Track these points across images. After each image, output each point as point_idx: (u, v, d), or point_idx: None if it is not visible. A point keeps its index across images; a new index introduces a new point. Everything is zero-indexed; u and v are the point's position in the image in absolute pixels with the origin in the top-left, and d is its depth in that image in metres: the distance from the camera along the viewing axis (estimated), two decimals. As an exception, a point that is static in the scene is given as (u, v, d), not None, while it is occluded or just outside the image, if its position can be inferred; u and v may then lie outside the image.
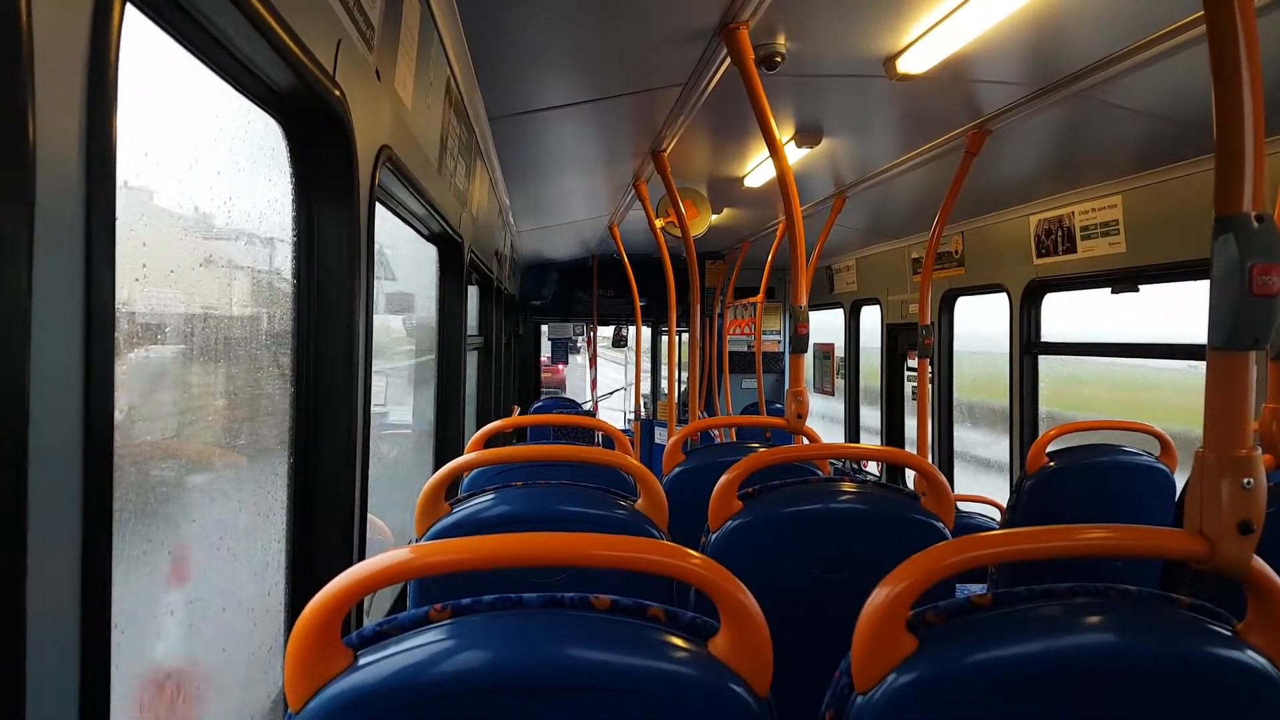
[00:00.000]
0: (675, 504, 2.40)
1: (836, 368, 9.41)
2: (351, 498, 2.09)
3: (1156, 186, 4.25)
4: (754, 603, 1.23)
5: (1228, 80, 1.41)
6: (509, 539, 1.29)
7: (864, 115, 4.28)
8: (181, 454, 1.69)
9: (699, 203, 6.20)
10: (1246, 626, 1.31)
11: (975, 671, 1.26)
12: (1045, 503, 3.45)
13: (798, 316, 3.59)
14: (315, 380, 2.02)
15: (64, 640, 0.95)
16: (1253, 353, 1.41)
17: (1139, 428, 3.83)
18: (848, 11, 2.90)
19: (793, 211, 3.42)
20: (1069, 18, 2.81)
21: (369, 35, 2.02)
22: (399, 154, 2.45)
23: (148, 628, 1.54)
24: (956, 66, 3.24)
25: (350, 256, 2.03)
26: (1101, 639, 1.29)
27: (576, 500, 2.28)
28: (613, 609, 1.25)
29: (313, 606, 1.17)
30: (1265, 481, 1.41)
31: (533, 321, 11.85)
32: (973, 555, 1.37)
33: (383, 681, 1.14)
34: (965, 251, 6.13)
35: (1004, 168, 4.74)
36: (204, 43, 1.44)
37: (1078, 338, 5.44)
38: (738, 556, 2.20)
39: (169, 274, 1.53)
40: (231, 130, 1.74)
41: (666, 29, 3.09)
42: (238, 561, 1.90)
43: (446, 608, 1.23)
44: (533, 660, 1.17)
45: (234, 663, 1.95)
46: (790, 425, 3.54)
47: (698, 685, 1.19)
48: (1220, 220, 1.41)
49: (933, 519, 2.30)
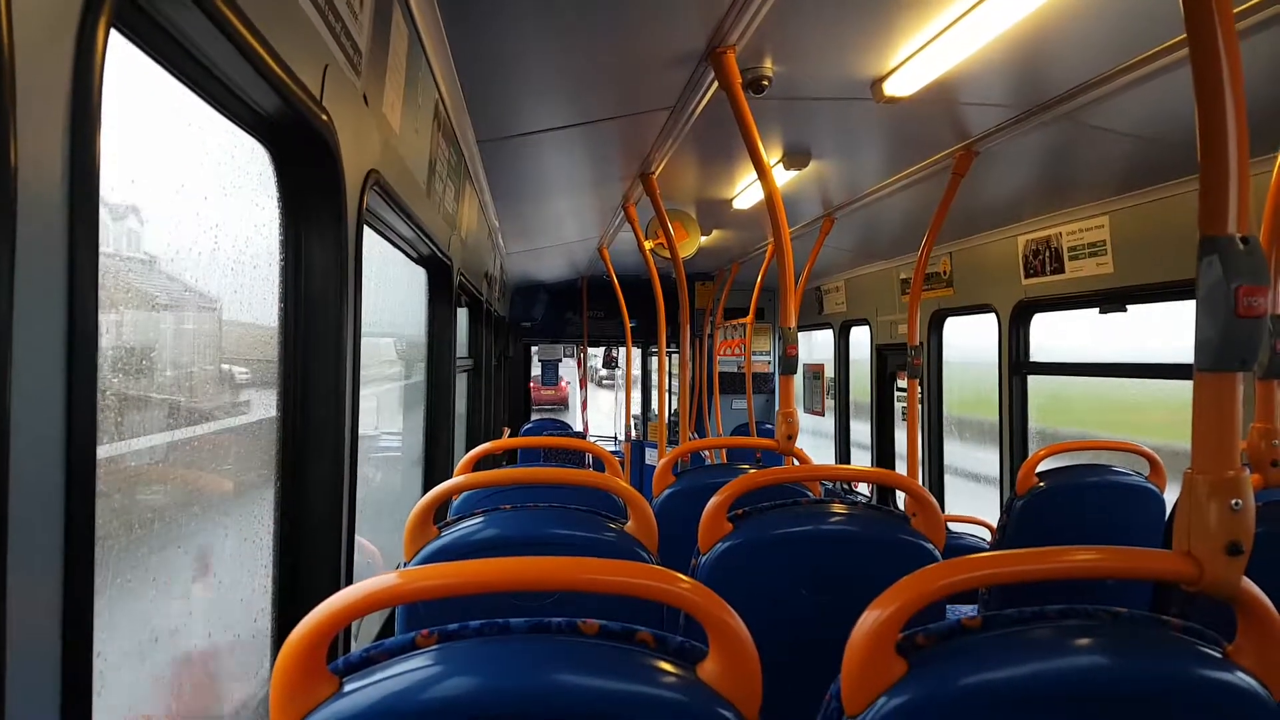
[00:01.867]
0: (665, 525, 2.40)
1: (826, 388, 9.42)
2: (339, 520, 2.08)
3: (1143, 207, 4.28)
4: (743, 627, 1.22)
5: (1211, 103, 1.42)
6: (497, 563, 1.28)
7: (851, 137, 4.30)
8: (166, 478, 1.68)
9: (688, 224, 6.22)
10: (1236, 648, 1.31)
11: (965, 695, 1.25)
12: (1035, 523, 3.45)
13: (787, 338, 3.60)
14: (302, 403, 2.01)
15: (44, 668, 0.94)
16: (1240, 373, 1.42)
17: (1128, 448, 3.84)
18: (835, 35, 2.92)
19: (781, 233, 3.43)
20: (1054, 40, 2.83)
21: (356, 60, 2.02)
22: (387, 178, 2.45)
23: (130, 654, 1.52)
24: (943, 89, 3.26)
25: (339, 280, 2.03)
26: (1093, 661, 1.29)
27: (566, 523, 2.27)
28: (601, 634, 1.25)
29: (299, 632, 1.15)
30: (1253, 502, 1.41)
31: (523, 343, 11.85)
32: (963, 578, 1.37)
33: (369, 709, 1.13)
34: (954, 272, 6.15)
35: (991, 189, 4.77)
36: (189, 68, 1.43)
37: (1066, 357, 5.45)
38: (728, 578, 2.19)
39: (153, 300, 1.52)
40: (218, 155, 1.74)
41: (654, 53, 3.10)
42: (223, 586, 1.89)
43: (433, 633, 1.22)
44: (520, 687, 1.16)
45: (219, 686, 1.93)
46: (780, 447, 3.54)
47: (686, 711, 1.18)
48: (1205, 241, 1.41)
49: (923, 540, 2.29)
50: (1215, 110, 1.42)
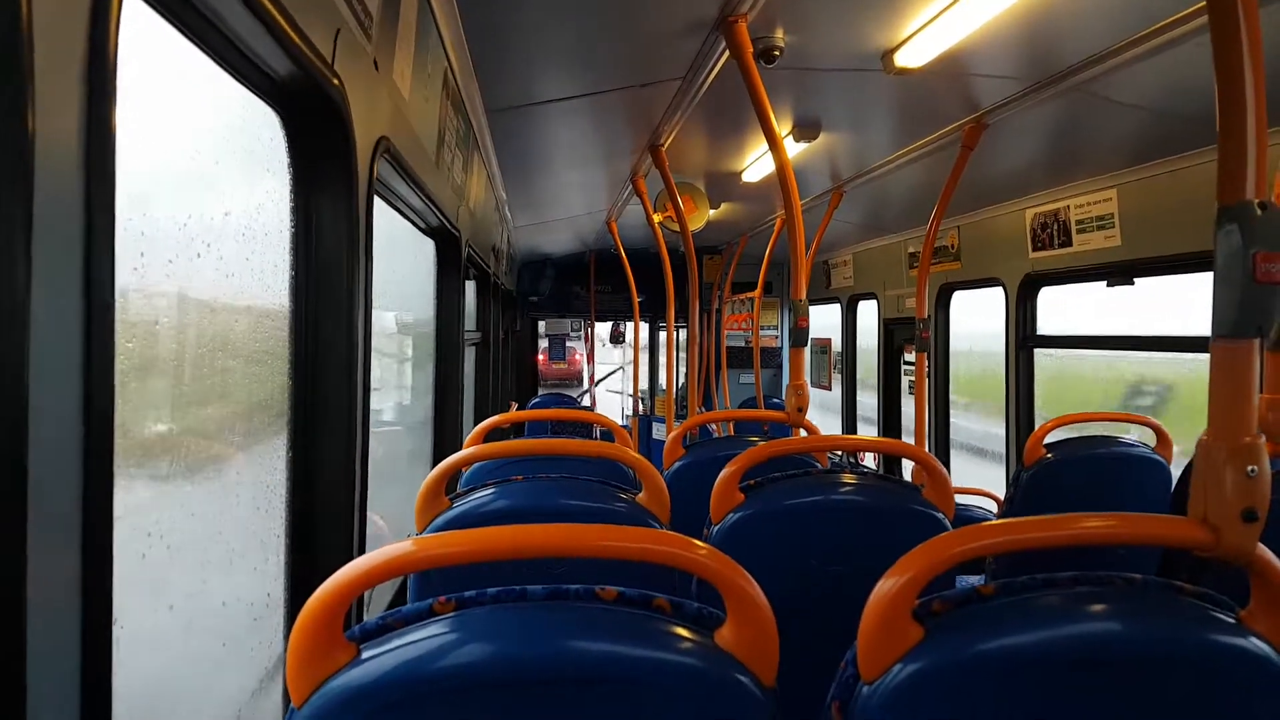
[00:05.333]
0: (676, 498, 2.40)
1: (833, 362, 9.41)
2: (351, 491, 2.08)
3: (1152, 180, 4.25)
4: (760, 594, 1.23)
5: (1230, 70, 1.41)
6: (514, 530, 1.28)
7: (862, 109, 4.28)
8: (180, 448, 1.68)
9: (697, 198, 6.19)
10: (1250, 614, 1.31)
11: (982, 660, 1.26)
12: (1043, 494, 3.46)
13: (798, 310, 3.59)
14: (314, 373, 2.01)
15: (64, 636, 0.94)
16: (1256, 341, 1.41)
17: (1136, 419, 3.84)
18: (846, 5, 2.89)
19: (792, 206, 3.41)
20: (1066, 11, 2.81)
21: (367, 25, 2.01)
22: (397, 146, 2.44)
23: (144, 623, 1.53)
24: (954, 60, 3.23)
25: (349, 249, 2.02)
26: (1106, 626, 1.29)
27: (577, 494, 2.28)
28: (619, 600, 1.25)
29: (315, 600, 1.16)
30: (1269, 469, 1.41)
31: (530, 317, 11.83)
32: (979, 544, 1.37)
33: (386, 675, 1.13)
34: (961, 246, 6.13)
35: (1000, 162, 4.74)
36: (203, 29, 1.43)
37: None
38: (741, 549, 2.19)
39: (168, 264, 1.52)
40: (230, 120, 1.73)
41: (665, 22, 3.08)
42: (237, 556, 1.90)
43: (451, 600, 1.22)
44: (538, 653, 1.16)
45: (234, 657, 1.94)
46: (791, 418, 3.54)
47: (705, 676, 1.18)
48: (1224, 210, 1.41)
49: (933, 510, 2.30)
50: (1234, 78, 1.41)
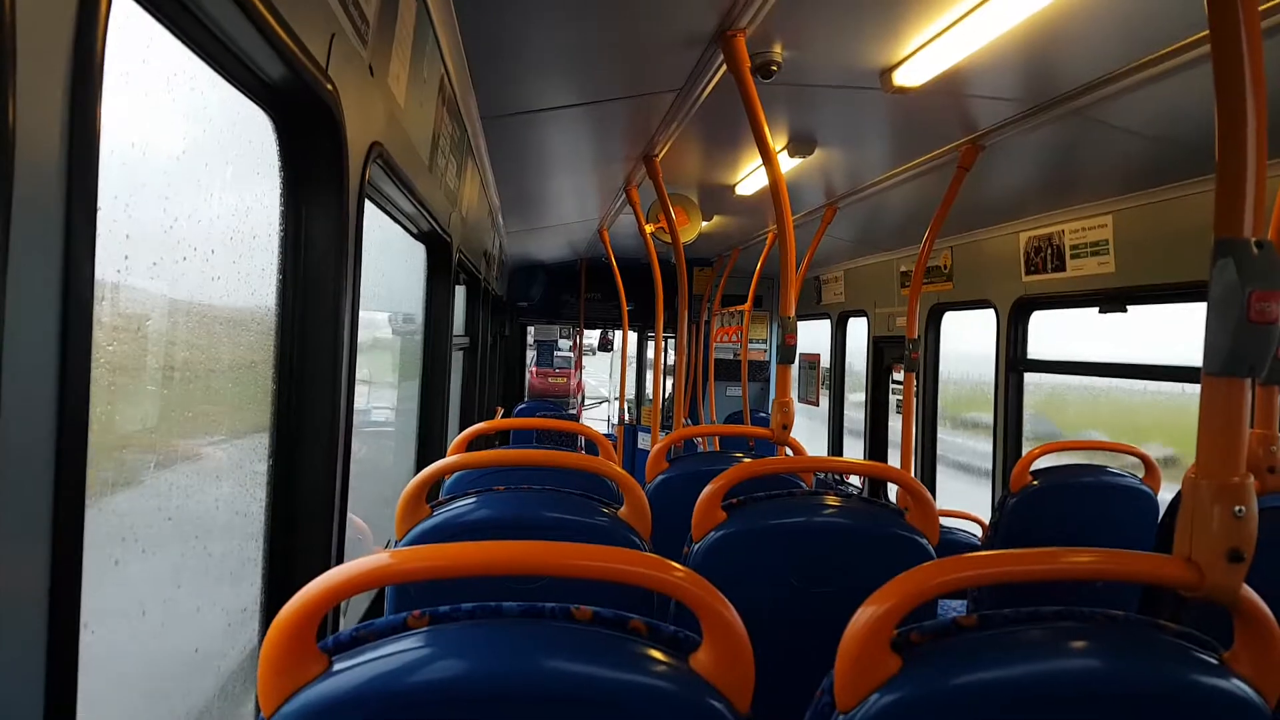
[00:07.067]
0: (658, 511, 2.38)
1: (822, 378, 9.41)
2: (332, 496, 2.06)
3: (1147, 207, 4.25)
4: (737, 619, 1.21)
5: (1231, 103, 1.39)
6: (491, 546, 1.27)
7: (858, 126, 4.28)
8: (158, 448, 1.66)
9: (689, 209, 6.18)
10: (1233, 655, 1.30)
11: (959, 694, 1.24)
12: (1028, 521, 3.45)
13: (786, 326, 3.58)
14: (299, 376, 1.99)
15: (30, 639, 0.92)
16: (1248, 380, 1.40)
17: (1124, 449, 3.84)
18: (846, 22, 2.89)
19: (784, 221, 3.40)
20: (1066, 36, 2.81)
21: (363, 30, 1.99)
22: (390, 151, 2.42)
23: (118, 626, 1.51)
24: (952, 81, 3.23)
25: (338, 253, 2.01)
26: (1087, 664, 1.28)
27: (559, 506, 2.26)
28: (594, 620, 1.24)
29: (289, 609, 1.14)
30: (1256, 509, 1.39)
31: (519, 323, 11.82)
32: (960, 576, 1.36)
33: (358, 688, 1.12)
34: (954, 266, 6.14)
35: (996, 184, 4.75)
36: (194, 31, 1.41)
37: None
38: (721, 568, 2.18)
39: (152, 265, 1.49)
40: (220, 123, 1.71)
41: (663, 34, 3.08)
42: (213, 560, 1.87)
43: (425, 614, 1.21)
44: (511, 671, 1.15)
45: (207, 663, 1.91)
46: (775, 436, 3.53)
47: (678, 700, 1.17)
48: (1220, 244, 1.39)
49: (917, 535, 2.29)
50: (1235, 111, 1.39)
